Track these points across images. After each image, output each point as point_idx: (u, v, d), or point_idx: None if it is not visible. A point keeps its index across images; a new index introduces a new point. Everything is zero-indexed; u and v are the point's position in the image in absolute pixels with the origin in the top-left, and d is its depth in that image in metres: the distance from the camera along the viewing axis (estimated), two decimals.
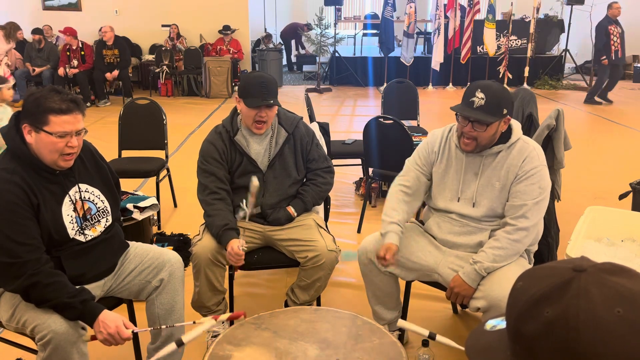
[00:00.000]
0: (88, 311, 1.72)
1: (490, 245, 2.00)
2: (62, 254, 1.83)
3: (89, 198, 1.92)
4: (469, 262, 2.00)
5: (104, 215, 1.96)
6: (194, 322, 1.78)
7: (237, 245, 2.12)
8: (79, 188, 1.89)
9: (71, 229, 1.84)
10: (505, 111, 1.96)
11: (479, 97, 1.92)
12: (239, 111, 2.36)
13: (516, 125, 2.06)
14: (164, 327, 1.96)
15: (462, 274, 2.00)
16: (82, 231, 1.88)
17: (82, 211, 1.88)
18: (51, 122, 1.72)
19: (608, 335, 0.63)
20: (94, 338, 1.74)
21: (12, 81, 4.14)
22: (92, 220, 1.91)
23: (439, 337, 1.61)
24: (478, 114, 1.93)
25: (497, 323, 0.81)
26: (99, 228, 1.94)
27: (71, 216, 1.85)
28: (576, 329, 0.64)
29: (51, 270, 1.73)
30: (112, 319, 1.72)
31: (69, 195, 1.85)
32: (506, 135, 2.03)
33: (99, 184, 1.97)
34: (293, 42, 13.17)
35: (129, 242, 2.10)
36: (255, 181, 2.20)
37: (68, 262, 1.84)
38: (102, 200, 1.96)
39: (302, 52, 13.18)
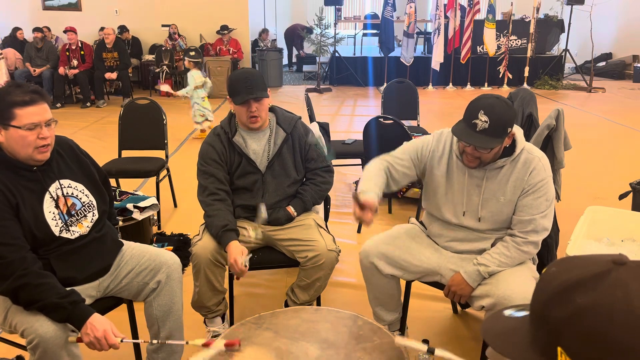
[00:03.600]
0: (77, 313, 1.69)
1: (498, 251, 1.98)
2: (51, 255, 1.80)
3: (72, 193, 1.88)
4: (473, 263, 2.00)
5: (90, 209, 1.93)
6: (187, 343, 1.77)
7: (241, 262, 2.11)
8: (60, 184, 1.86)
9: (55, 226, 1.81)
10: (509, 130, 1.87)
11: (482, 120, 1.81)
12: (232, 111, 2.37)
13: (519, 136, 1.97)
14: (155, 341, 1.94)
15: (463, 273, 2.00)
16: (67, 228, 1.85)
17: (65, 207, 1.85)
18: (18, 116, 1.70)
19: None
20: (79, 340, 1.71)
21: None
22: (77, 215, 1.88)
23: (437, 351, 1.61)
24: (482, 139, 1.83)
25: (516, 314, 0.80)
26: (86, 223, 1.91)
27: (54, 213, 1.82)
28: (609, 318, 0.62)
29: (40, 271, 1.71)
30: (102, 323, 1.69)
31: (49, 192, 1.82)
32: (510, 147, 1.97)
33: (82, 179, 1.93)
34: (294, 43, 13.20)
35: (123, 241, 2.08)
36: (263, 213, 2.16)
37: (57, 263, 1.81)
38: (86, 195, 1.93)
39: (300, 52, 13.17)
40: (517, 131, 1.98)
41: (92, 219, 1.94)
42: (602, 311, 0.63)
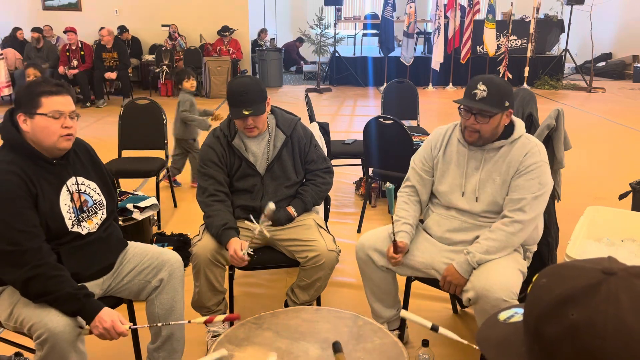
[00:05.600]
0: (89, 307, 1.73)
1: (485, 237, 2.01)
2: (61, 249, 1.83)
3: (85, 190, 1.93)
4: (463, 253, 2.02)
5: (100, 207, 1.98)
6: (189, 322, 1.79)
7: (242, 251, 2.11)
8: (76, 180, 1.91)
9: (68, 219, 1.85)
10: (507, 104, 1.98)
11: (481, 89, 1.95)
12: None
13: (519, 123, 2.08)
14: (160, 324, 1.96)
15: (455, 264, 2.02)
16: (79, 223, 1.89)
17: (79, 202, 1.89)
18: (44, 104, 1.77)
19: (636, 345, 0.61)
20: (91, 332, 1.75)
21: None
22: (88, 212, 1.93)
23: (441, 330, 1.62)
24: (480, 105, 1.95)
25: (511, 315, 0.79)
26: (95, 220, 1.95)
27: (68, 206, 1.86)
28: (603, 336, 0.62)
29: (55, 263, 1.75)
30: (109, 314, 1.74)
31: (67, 186, 1.87)
32: (508, 131, 2.06)
33: (95, 178, 1.99)
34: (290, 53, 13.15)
35: (128, 241, 2.11)
36: (271, 205, 2.04)
37: (66, 258, 1.84)
38: (98, 193, 1.98)
39: (301, 63, 13.15)
40: (518, 122, 2.08)
41: (102, 217, 1.98)
42: (596, 329, 0.62)
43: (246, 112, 2.22)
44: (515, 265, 2.00)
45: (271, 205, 2.01)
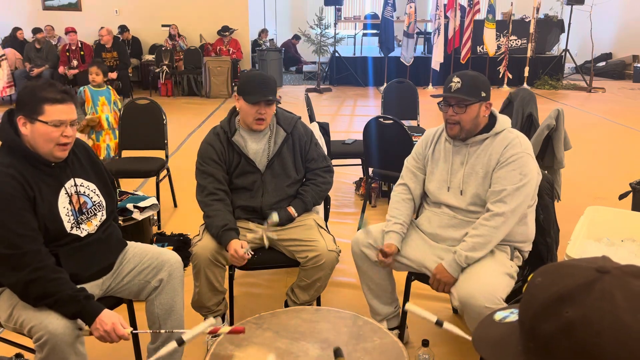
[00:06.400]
0: (89, 309, 1.72)
1: (470, 234, 2.03)
2: (60, 251, 1.83)
3: (84, 192, 1.93)
4: (452, 252, 2.04)
5: (100, 209, 1.97)
6: None
7: (243, 251, 2.13)
8: (75, 182, 1.90)
9: (67, 222, 1.85)
10: (483, 94, 2.05)
11: (456, 82, 2.04)
12: (238, 109, 2.37)
13: (503, 118, 2.12)
14: (162, 331, 1.96)
15: (444, 263, 2.03)
16: (78, 225, 1.88)
17: (77, 204, 1.89)
18: (46, 112, 1.76)
19: (632, 342, 0.61)
20: (91, 333, 1.75)
21: None
22: (88, 214, 1.92)
23: (446, 324, 1.63)
24: (455, 95, 2.03)
25: (507, 315, 0.79)
26: (95, 222, 1.95)
27: (67, 209, 1.86)
28: (599, 333, 0.62)
29: (55, 266, 1.75)
30: (109, 317, 1.73)
31: (65, 188, 1.87)
32: (491, 125, 2.10)
33: (94, 179, 1.98)
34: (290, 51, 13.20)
35: (127, 241, 2.11)
36: (275, 217, 2.25)
37: (65, 259, 1.84)
38: (97, 195, 1.98)
39: (300, 64, 13.17)
40: (503, 118, 2.12)
41: (101, 218, 1.98)
42: (592, 326, 0.63)
43: (264, 98, 2.25)
44: (500, 269, 1.98)
45: (275, 217, 2.07)
